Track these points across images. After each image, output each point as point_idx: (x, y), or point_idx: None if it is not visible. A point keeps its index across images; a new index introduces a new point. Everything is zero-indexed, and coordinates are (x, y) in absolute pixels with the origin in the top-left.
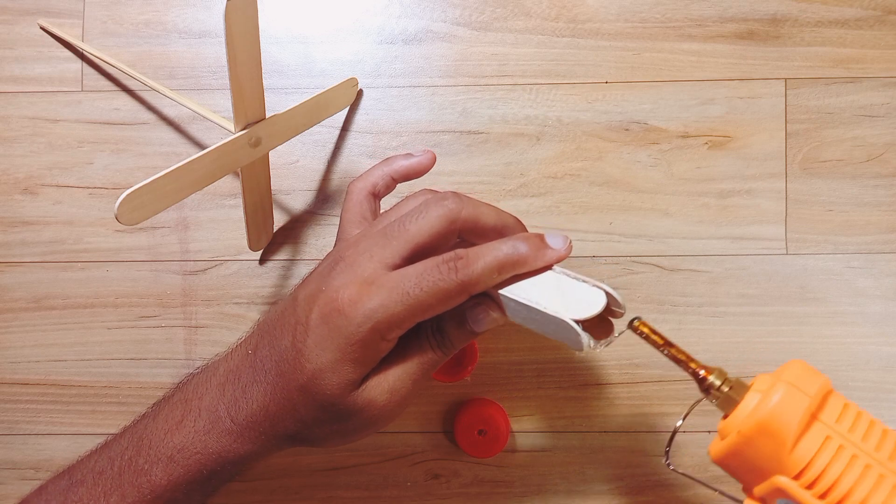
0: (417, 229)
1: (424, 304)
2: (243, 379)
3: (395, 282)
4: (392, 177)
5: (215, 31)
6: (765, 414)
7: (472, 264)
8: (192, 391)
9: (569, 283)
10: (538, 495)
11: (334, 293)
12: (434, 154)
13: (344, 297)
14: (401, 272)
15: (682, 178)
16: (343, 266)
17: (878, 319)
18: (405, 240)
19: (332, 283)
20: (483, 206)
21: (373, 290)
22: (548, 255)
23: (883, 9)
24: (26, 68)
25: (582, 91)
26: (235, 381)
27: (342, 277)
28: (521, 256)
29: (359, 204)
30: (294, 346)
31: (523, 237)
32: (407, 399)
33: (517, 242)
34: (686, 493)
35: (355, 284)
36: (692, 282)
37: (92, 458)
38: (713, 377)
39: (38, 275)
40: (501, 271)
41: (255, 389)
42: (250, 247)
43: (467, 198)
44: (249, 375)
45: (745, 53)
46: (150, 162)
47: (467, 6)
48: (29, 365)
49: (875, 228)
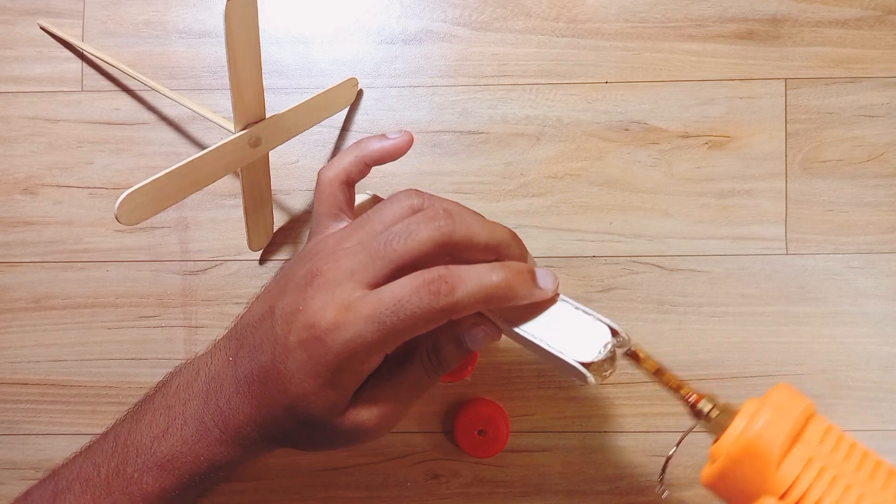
0: (406, 250)
1: (403, 330)
2: (227, 388)
3: (373, 308)
4: (366, 162)
5: (215, 31)
6: (751, 436)
7: (457, 290)
8: (174, 396)
9: (570, 315)
10: (538, 495)
11: (312, 317)
12: (411, 134)
13: (321, 324)
14: (379, 297)
15: (682, 178)
16: (321, 283)
17: (878, 319)
18: (390, 260)
19: (310, 303)
20: (475, 223)
21: (350, 318)
22: (535, 295)
23: (883, 9)
24: (26, 68)
25: (582, 91)
26: (219, 390)
27: (320, 298)
28: (508, 291)
29: (332, 196)
30: (275, 367)
31: (514, 271)
32: (397, 419)
33: (507, 275)
34: (686, 493)
35: (333, 309)
36: (692, 282)
37: (76, 464)
38: (703, 403)
39: (38, 275)
40: (486, 302)
41: (239, 400)
42: (250, 247)
43: (459, 214)
44: (233, 386)
45: (745, 53)
46: (150, 162)
47: (467, 6)
48: (29, 365)
49: (875, 228)
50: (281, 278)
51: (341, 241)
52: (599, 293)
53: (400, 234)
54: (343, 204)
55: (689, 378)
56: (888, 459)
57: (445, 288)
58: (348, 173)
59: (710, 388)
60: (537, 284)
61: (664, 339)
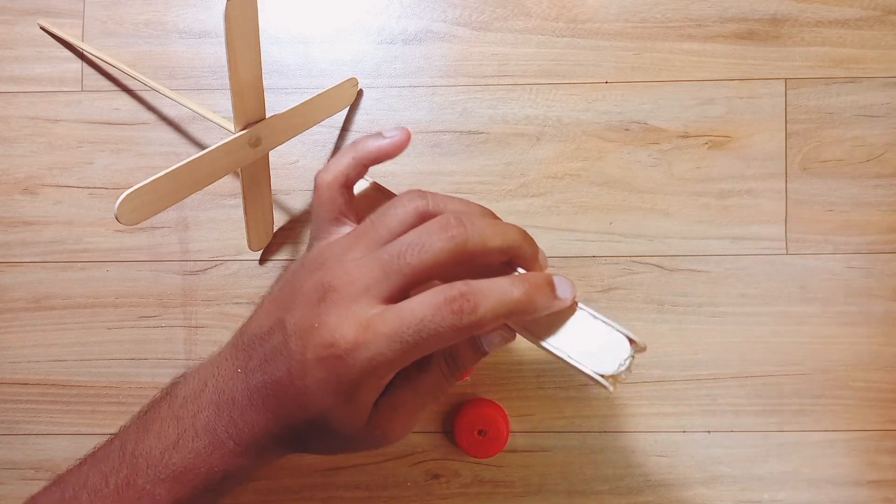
0: (420, 263)
1: (424, 348)
2: (239, 401)
3: (394, 327)
4: (364, 164)
5: (215, 31)
6: None
7: (479, 308)
8: (182, 407)
9: (588, 324)
10: (538, 495)
11: (330, 335)
12: (408, 130)
13: (341, 343)
14: (400, 316)
15: (682, 178)
16: (335, 298)
17: (878, 319)
18: (405, 274)
19: (326, 319)
20: (487, 227)
21: (370, 336)
22: (555, 305)
23: (883, 9)
24: (26, 68)
25: (582, 91)
26: (231, 403)
27: (336, 314)
28: (530, 305)
29: (331, 200)
30: (292, 383)
31: (534, 284)
32: (415, 423)
33: (528, 289)
34: (686, 493)
35: (352, 327)
36: (692, 282)
37: (83, 472)
38: None
39: (38, 275)
40: (508, 317)
41: (254, 413)
42: (250, 247)
43: (470, 220)
44: (245, 399)
45: (745, 53)
46: (150, 162)
47: (467, 6)
48: (29, 365)
49: (875, 228)
50: (286, 287)
51: (348, 249)
52: (599, 293)
53: (413, 245)
54: (343, 207)
55: (689, 378)
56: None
57: (468, 306)
58: (346, 176)
59: (709, 389)
60: (556, 295)
61: (664, 339)
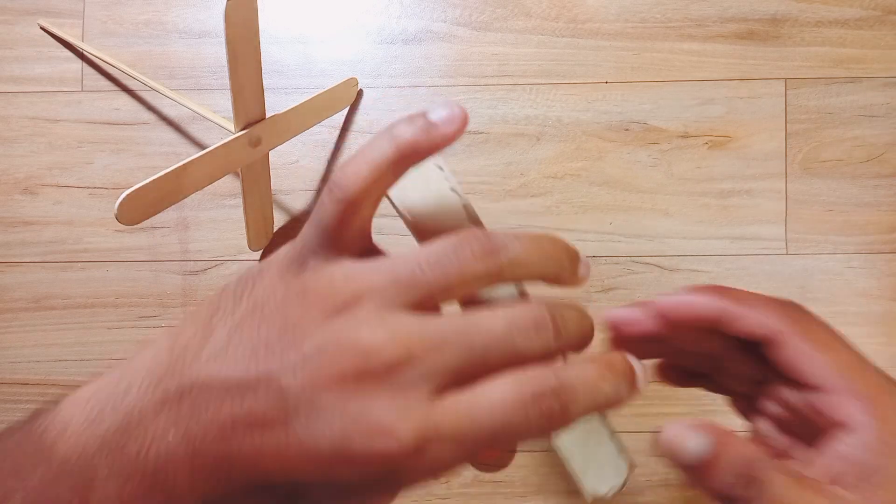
0: (502, 356)
1: (495, 448)
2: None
3: (464, 430)
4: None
5: (215, 31)
6: None
7: (570, 410)
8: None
9: (601, 440)
10: (538, 495)
11: (384, 441)
12: (463, 109)
13: (395, 450)
14: (472, 416)
15: (682, 178)
16: (381, 377)
17: (878, 319)
18: (475, 356)
19: (370, 405)
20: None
21: (431, 435)
22: (633, 399)
23: (883, 9)
24: (26, 68)
25: (582, 91)
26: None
27: (383, 407)
28: (616, 403)
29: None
30: (281, 469)
31: (621, 375)
32: None
33: (618, 386)
34: (687, 493)
35: (411, 429)
36: (692, 281)
37: None
38: None
39: (38, 275)
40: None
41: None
42: (250, 247)
43: (559, 313)
44: (186, 479)
45: (745, 53)
46: (150, 162)
47: (467, 6)
48: (29, 365)
49: (875, 228)
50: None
51: (390, 300)
52: (599, 293)
53: (495, 338)
54: (369, 222)
55: None
56: None
57: (558, 409)
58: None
59: None
60: (637, 388)
61: None
